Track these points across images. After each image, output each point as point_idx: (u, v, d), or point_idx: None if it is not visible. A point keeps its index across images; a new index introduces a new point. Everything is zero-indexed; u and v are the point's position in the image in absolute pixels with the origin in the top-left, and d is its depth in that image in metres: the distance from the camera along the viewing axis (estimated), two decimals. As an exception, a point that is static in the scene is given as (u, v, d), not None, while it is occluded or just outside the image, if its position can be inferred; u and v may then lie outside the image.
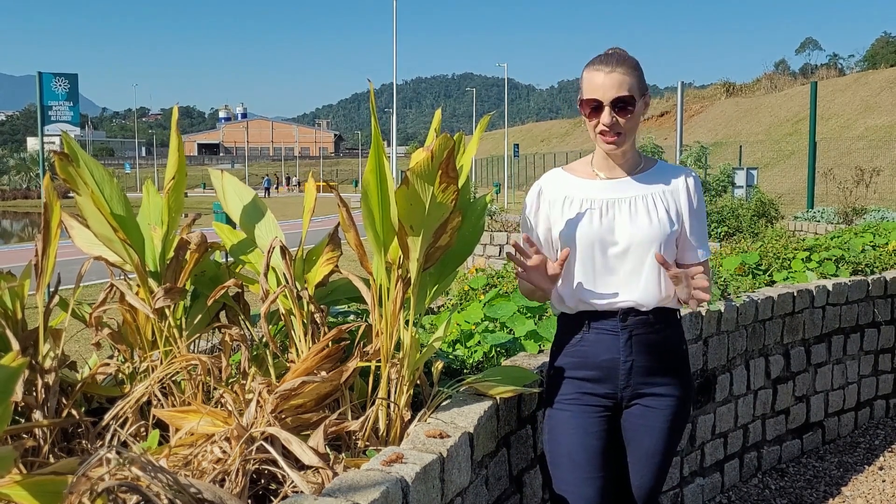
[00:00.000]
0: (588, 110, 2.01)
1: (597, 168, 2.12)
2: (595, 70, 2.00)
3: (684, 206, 2.09)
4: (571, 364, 2.10)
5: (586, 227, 2.04)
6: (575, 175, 2.13)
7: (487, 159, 51.82)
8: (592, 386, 2.08)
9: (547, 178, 2.17)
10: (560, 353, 2.15)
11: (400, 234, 1.93)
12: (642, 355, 2.06)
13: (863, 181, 13.12)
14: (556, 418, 2.11)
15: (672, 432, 2.12)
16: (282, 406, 1.91)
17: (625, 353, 2.05)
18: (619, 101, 1.96)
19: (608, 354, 2.06)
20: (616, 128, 1.98)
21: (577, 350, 2.10)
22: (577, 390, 2.09)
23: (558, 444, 2.08)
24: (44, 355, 2.08)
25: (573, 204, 2.07)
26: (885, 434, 4.55)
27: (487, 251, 11.94)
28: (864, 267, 4.61)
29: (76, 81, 9.55)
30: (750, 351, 3.76)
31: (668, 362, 2.10)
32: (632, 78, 1.98)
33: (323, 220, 17.00)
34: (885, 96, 33.04)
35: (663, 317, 2.09)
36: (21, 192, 50.27)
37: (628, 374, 2.06)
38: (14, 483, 1.40)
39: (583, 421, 2.07)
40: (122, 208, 2.16)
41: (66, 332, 2.19)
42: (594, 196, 2.06)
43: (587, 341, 2.08)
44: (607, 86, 1.96)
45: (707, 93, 50.24)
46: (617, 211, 2.04)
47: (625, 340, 2.05)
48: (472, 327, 2.93)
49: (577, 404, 2.08)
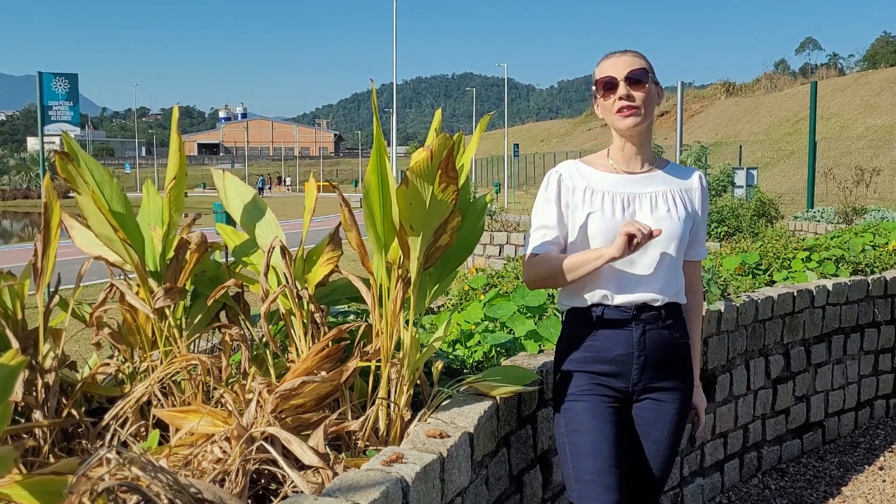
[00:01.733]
0: (602, 90, 2.06)
1: (614, 161, 2.13)
2: (607, 58, 2.09)
3: (697, 204, 2.16)
4: (585, 359, 2.11)
5: (609, 219, 2.05)
6: (593, 167, 2.14)
7: (487, 159, 51.83)
8: (606, 379, 2.10)
9: (565, 166, 2.17)
10: (571, 348, 2.14)
11: (400, 233, 1.93)
12: (654, 351, 2.09)
13: (863, 181, 13.13)
14: (575, 410, 2.10)
15: (679, 424, 2.17)
16: (282, 406, 1.91)
17: (638, 348, 2.08)
18: (632, 74, 2.02)
19: (622, 349, 2.08)
20: (632, 101, 2.02)
21: (590, 345, 2.10)
22: (591, 382, 2.10)
23: (581, 433, 2.07)
24: (44, 355, 2.08)
25: (595, 195, 2.08)
26: (885, 434, 4.55)
27: (487, 251, 11.93)
28: (864, 267, 4.61)
29: (76, 81, 9.55)
30: (750, 351, 3.76)
31: (677, 357, 2.15)
32: (644, 61, 2.07)
33: (323, 220, 17.00)
34: (885, 96, 33.04)
35: (673, 312, 2.13)
36: (21, 191, 50.27)
37: (641, 369, 2.09)
38: (14, 483, 1.40)
39: (601, 410, 2.08)
40: (122, 208, 2.15)
41: (66, 332, 2.19)
42: (615, 189, 2.08)
43: (600, 336, 2.09)
44: (620, 65, 2.04)
45: (707, 92, 50.26)
46: (638, 205, 2.07)
47: (639, 336, 2.08)
48: (472, 327, 2.93)
49: (593, 394, 2.09)
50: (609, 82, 2.04)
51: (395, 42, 25.61)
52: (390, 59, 38.21)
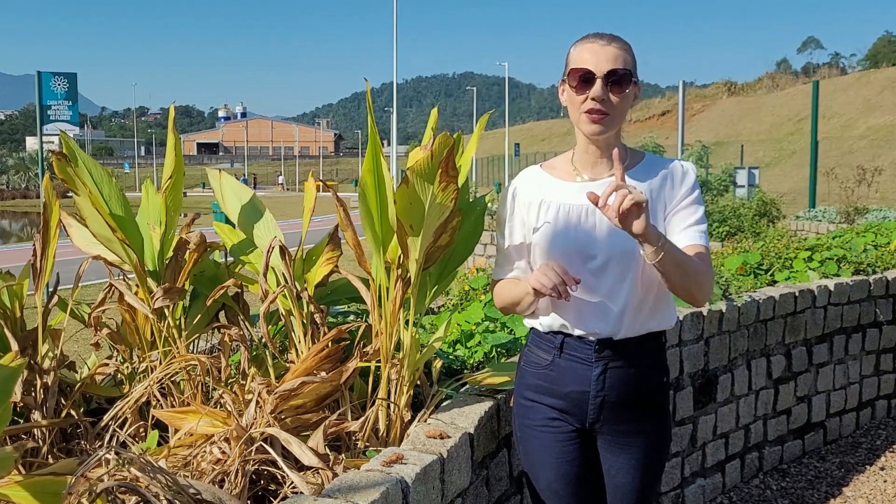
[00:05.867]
0: (576, 82, 1.74)
1: (578, 165, 1.85)
2: (587, 43, 1.76)
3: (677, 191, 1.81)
4: (538, 388, 1.88)
5: (562, 236, 1.79)
6: (553, 175, 1.87)
7: (488, 159, 51.82)
8: (560, 414, 1.86)
9: (522, 177, 1.92)
10: (527, 370, 1.92)
11: (400, 233, 1.92)
12: (615, 390, 1.82)
13: (864, 180, 13.13)
14: (531, 443, 1.91)
15: (648, 469, 1.90)
16: (281, 406, 1.91)
17: (596, 387, 1.81)
18: (613, 74, 1.71)
19: (577, 386, 1.82)
20: (606, 106, 1.73)
21: (544, 374, 1.87)
22: (546, 416, 1.87)
23: (538, 469, 1.90)
24: (43, 355, 2.08)
25: (549, 209, 1.82)
26: (886, 434, 4.54)
27: (487, 251, 11.93)
28: (865, 267, 4.60)
29: (75, 81, 9.55)
30: (751, 351, 3.75)
31: (645, 397, 1.86)
32: (628, 56, 1.76)
33: (323, 220, 17.01)
34: (886, 95, 33.04)
35: (644, 345, 1.84)
36: (20, 191, 50.27)
37: (599, 409, 1.83)
38: (13, 483, 1.39)
39: (557, 449, 1.86)
40: (120, 208, 2.15)
41: (65, 333, 2.19)
42: (572, 201, 1.80)
43: (556, 367, 1.84)
44: (602, 58, 1.72)
45: (708, 92, 50.26)
46: (597, 218, 1.76)
47: (598, 374, 1.81)
48: (472, 327, 2.92)
49: (548, 431, 1.87)
50: (585, 76, 1.72)
51: (395, 41, 25.60)
52: (391, 57, 38.10)
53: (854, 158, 23.33)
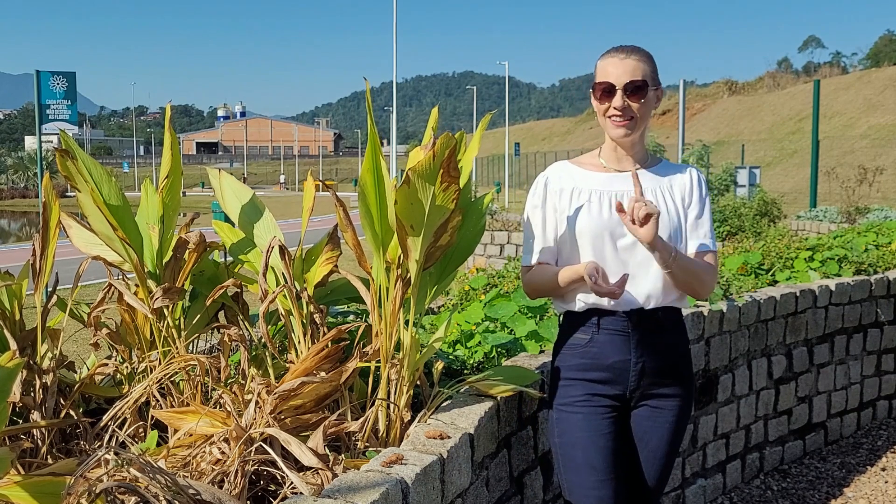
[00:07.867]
0: (599, 93, 2.02)
1: (605, 160, 2.11)
2: (609, 57, 2.03)
3: (690, 198, 2.10)
4: (580, 366, 2.07)
5: (596, 218, 2.02)
6: (582, 167, 2.12)
7: (488, 158, 51.82)
8: (602, 387, 2.06)
9: (553, 168, 2.15)
10: (566, 353, 2.11)
11: (400, 233, 1.92)
12: (652, 357, 2.06)
13: (866, 180, 13.12)
14: (568, 421, 2.08)
15: (677, 432, 2.14)
16: (281, 407, 1.90)
17: (636, 354, 2.04)
18: (631, 85, 1.98)
19: (619, 356, 2.04)
20: (628, 112, 1.99)
21: (586, 351, 2.07)
22: (586, 392, 2.06)
23: (574, 447, 2.06)
24: (42, 355, 2.07)
25: (581, 195, 2.05)
26: (887, 435, 4.54)
27: (488, 251, 11.93)
28: (867, 267, 4.60)
29: (74, 80, 9.54)
30: (752, 351, 3.74)
31: (676, 363, 2.11)
32: (646, 66, 2.01)
33: (322, 220, 17.00)
34: (888, 94, 33.03)
35: (671, 317, 2.10)
36: (19, 191, 50.26)
37: (639, 375, 2.05)
38: (12, 484, 1.39)
39: (595, 423, 2.05)
40: (120, 208, 2.14)
41: (65, 333, 2.18)
42: (603, 187, 2.05)
43: (597, 342, 2.06)
44: (620, 71, 1.99)
45: (709, 91, 50.25)
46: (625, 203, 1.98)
47: (636, 342, 2.04)
48: (472, 327, 2.91)
49: (588, 406, 2.06)
50: (606, 89, 2.00)
51: (395, 40, 25.58)
52: (390, 57, 38.15)
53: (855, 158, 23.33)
